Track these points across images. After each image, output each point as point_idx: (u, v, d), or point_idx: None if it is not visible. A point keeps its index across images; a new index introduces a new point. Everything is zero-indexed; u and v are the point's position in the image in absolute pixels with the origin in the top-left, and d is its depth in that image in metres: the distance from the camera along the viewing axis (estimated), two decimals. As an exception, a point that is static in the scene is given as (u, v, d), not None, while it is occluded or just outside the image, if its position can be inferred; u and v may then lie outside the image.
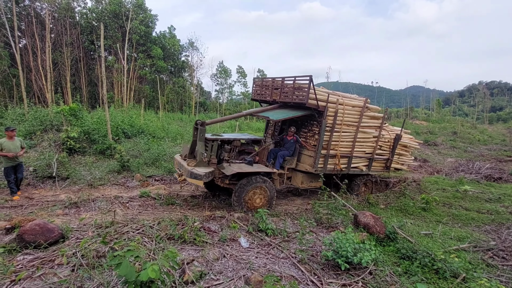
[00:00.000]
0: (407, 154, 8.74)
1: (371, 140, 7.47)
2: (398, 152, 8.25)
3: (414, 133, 19.40)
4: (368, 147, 7.49)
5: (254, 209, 5.99)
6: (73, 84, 23.79)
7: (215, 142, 6.23)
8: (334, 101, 6.56)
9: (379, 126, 7.45)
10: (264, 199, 6.20)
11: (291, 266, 4.00)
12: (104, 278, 3.21)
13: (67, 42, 22.63)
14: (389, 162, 8.01)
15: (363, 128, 7.17)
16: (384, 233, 5.03)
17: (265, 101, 7.80)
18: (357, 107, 6.96)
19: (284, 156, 6.89)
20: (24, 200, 6.15)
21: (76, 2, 25.86)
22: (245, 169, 5.89)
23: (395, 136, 7.94)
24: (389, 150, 7.95)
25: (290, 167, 7.01)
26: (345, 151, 7.10)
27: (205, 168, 5.88)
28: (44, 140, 9.09)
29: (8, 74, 20.15)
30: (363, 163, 7.60)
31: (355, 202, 7.23)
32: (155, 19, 28.26)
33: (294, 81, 6.59)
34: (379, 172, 8.18)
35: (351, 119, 6.95)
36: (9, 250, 3.66)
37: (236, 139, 6.60)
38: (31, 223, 3.98)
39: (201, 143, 5.99)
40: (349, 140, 7.05)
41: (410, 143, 8.75)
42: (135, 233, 4.41)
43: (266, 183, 6.14)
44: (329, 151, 6.73)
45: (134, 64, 25.83)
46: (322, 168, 6.77)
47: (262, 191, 6.16)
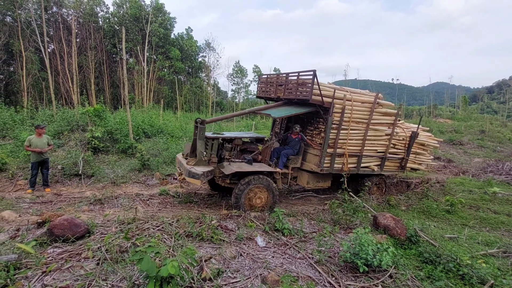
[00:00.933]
0: (425, 153, 8.23)
1: (383, 138, 7.06)
2: (414, 151, 7.81)
3: (437, 132, 18.60)
4: (380, 146, 7.08)
5: (254, 210, 5.84)
6: (97, 86, 24.86)
7: (216, 141, 6.14)
8: (341, 96, 6.25)
9: (392, 123, 7.03)
10: (265, 199, 5.99)
11: (308, 267, 3.98)
12: (127, 272, 3.34)
13: (91, 46, 23.68)
14: (404, 162, 7.53)
15: (374, 125, 6.77)
16: (405, 235, 4.88)
17: (270, 98, 7.54)
18: (367, 103, 6.58)
19: (288, 155, 6.65)
20: (53, 196, 6.52)
21: (99, 7, 26.99)
22: (244, 168, 5.72)
23: (410, 134, 7.49)
24: (404, 148, 7.48)
25: (294, 166, 6.75)
26: (354, 150, 6.74)
27: (204, 167, 5.75)
28: (71, 139, 9.58)
29: (38, 77, 21.41)
30: (374, 163, 7.18)
31: (375, 203, 7.05)
32: (173, 21, 28.93)
33: (297, 76, 6.33)
34: (393, 172, 7.74)
35: (360, 116, 6.56)
36: (40, 243, 3.90)
37: (237, 138, 6.45)
38: (60, 218, 4.21)
39: (201, 142, 5.88)
40: (359, 138, 6.69)
41: (428, 142, 8.21)
42: (155, 230, 4.55)
43: (267, 183, 5.93)
44: (335, 149, 6.40)
45: (154, 66, 26.59)
46: (328, 168, 6.46)
47: (263, 192, 5.96)
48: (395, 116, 7.03)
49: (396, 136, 7.24)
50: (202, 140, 5.89)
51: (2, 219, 4.90)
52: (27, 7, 21.55)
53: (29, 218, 4.90)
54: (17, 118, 11.69)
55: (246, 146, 6.63)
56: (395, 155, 7.44)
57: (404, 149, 7.50)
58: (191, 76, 32.16)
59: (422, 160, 8.22)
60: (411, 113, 35.78)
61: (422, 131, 8.42)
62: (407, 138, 7.46)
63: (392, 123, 7.03)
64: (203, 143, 5.93)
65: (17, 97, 21.22)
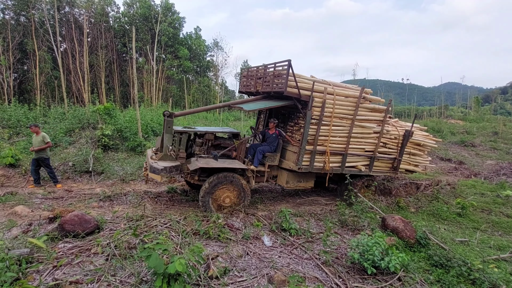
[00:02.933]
0: (421, 154, 7.64)
1: (372, 136, 6.57)
2: (409, 151, 7.31)
3: (448, 133, 18.19)
4: (367, 144, 6.60)
5: (223, 210, 5.60)
6: (107, 84, 25.26)
7: (184, 135, 5.86)
8: (321, 89, 5.85)
9: (382, 120, 6.55)
10: (234, 198, 5.70)
11: (314, 267, 3.95)
12: (135, 268, 3.39)
13: (102, 45, 24.06)
14: (396, 163, 7.04)
15: (360, 122, 6.31)
16: (414, 238, 4.79)
17: (250, 92, 7.08)
18: (352, 98, 6.16)
19: (264, 152, 6.23)
20: (64, 192, 6.66)
21: (110, 7, 27.40)
22: (211, 164, 5.37)
23: (404, 133, 6.99)
24: (397, 148, 6.99)
25: (272, 164, 6.36)
26: (337, 148, 6.30)
27: (168, 163, 5.43)
28: (81, 137, 9.77)
29: (51, 76, 21.89)
30: (362, 163, 6.70)
31: (383, 204, 6.95)
32: (182, 21, 29.15)
33: (274, 68, 5.96)
34: (384, 173, 7.23)
35: (344, 111, 6.12)
36: (51, 238, 3.99)
37: (209, 132, 6.09)
38: (71, 214, 4.30)
39: (168, 136, 5.61)
40: (343, 135, 6.24)
41: (425, 141, 7.59)
42: (163, 227, 4.60)
43: (236, 181, 5.61)
44: (316, 146, 5.98)
45: (162, 65, 26.84)
46: (307, 166, 6.07)
47: (233, 190, 5.65)
48: (384, 112, 6.55)
49: (386, 135, 6.80)
50: (170, 134, 5.63)
51: (15, 214, 5.03)
52: (41, 7, 22.04)
53: (41, 214, 5.02)
54: (30, 116, 11.98)
55: (220, 141, 6.27)
56: (386, 155, 6.95)
57: (396, 148, 7.02)
58: (199, 75, 32.36)
59: (418, 161, 7.68)
60: (421, 114, 35.11)
61: (419, 130, 7.99)
62: (400, 137, 6.98)
63: (382, 120, 6.56)
64: (171, 137, 5.69)
65: (30, 95, 21.76)
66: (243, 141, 6.19)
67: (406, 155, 7.28)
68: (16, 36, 20.64)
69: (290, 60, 5.41)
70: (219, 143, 6.24)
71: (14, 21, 22.24)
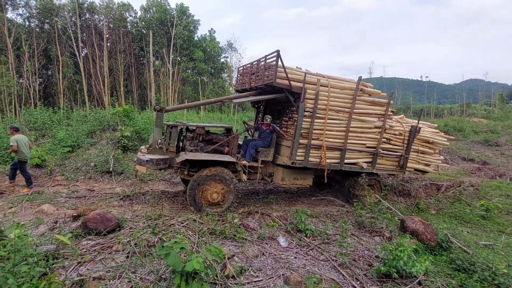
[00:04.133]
0: (431, 152, 7.20)
1: (373, 131, 6.29)
2: (417, 148, 6.93)
3: (471, 132, 17.44)
4: (369, 140, 6.31)
5: (211, 206, 5.51)
6: (126, 87, 26.06)
7: (175, 129, 5.87)
8: (314, 81, 5.69)
9: (383, 114, 6.26)
10: (222, 194, 5.57)
11: (331, 269, 3.91)
12: (154, 266, 3.48)
13: (120, 49, 24.86)
14: (403, 160, 6.69)
15: (359, 116, 6.06)
16: (435, 241, 4.64)
17: (245, 89, 6.96)
18: (348, 90, 5.94)
19: (257, 147, 6.10)
20: (87, 191, 6.94)
21: (128, 12, 28.27)
22: (198, 156, 5.33)
23: (410, 129, 6.68)
24: (403, 145, 6.68)
25: (265, 160, 6.20)
26: (335, 142, 6.05)
27: (156, 155, 5.45)
28: (102, 138, 10.15)
29: (73, 80, 22.86)
30: (363, 159, 6.39)
31: (402, 206, 6.77)
32: (197, 23, 29.61)
33: (264, 60, 5.85)
34: (390, 172, 6.84)
35: (340, 104, 5.91)
36: (75, 235, 4.17)
37: (199, 127, 6.07)
38: (93, 212, 4.48)
39: (158, 130, 5.68)
40: (340, 129, 6.02)
41: (435, 139, 7.13)
42: (180, 226, 4.70)
43: (225, 175, 5.50)
44: (310, 140, 5.77)
45: (178, 67, 27.37)
46: (302, 161, 5.85)
47: (221, 185, 5.53)
48: (385, 106, 6.24)
49: (390, 130, 6.48)
50: (159, 128, 5.69)
51: (42, 212, 5.30)
52: (63, 15, 23.09)
53: (66, 212, 5.26)
54: (54, 118, 12.57)
55: (212, 136, 6.24)
56: (392, 152, 6.62)
57: (402, 145, 6.69)
58: (214, 77, 32.73)
59: (428, 160, 7.22)
60: (441, 112, 33.82)
61: (428, 127, 7.59)
62: (406, 133, 6.65)
63: (383, 114, 6.27)
64: (160, 131, 5.76)
65: (54, 99, 22.81)
66: (234, 136, 6.05)
67: (414, 153, 6.95)
68: (41, 43, 21.72)
69: (278, 51, 5.31)
70: (211, 138, 6.20)
71: (39, 29, 23.42)
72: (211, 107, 30.50)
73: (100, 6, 25.87)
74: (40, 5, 22.76)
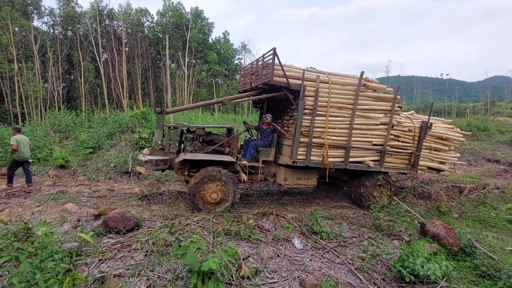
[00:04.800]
0: (445, 149, 6.82)
1: (379, 127, 6.08)
2: (429, 145, 6.64)
3: (496, 131, 16.60)
4: (375, 137, 6.09)
5: (210, 205, 5.53)
6: (143, 90, 26.79)
7: (175, 130, 6.01)
8: (313, 78, 5.60)
9: (389, 110, 6.04)
10: (222, 194, 5.57)
11: (348, 273, 3.85)
12: (171, 265, 3.56)
13: (138, 54, 25.61)
14: (414, 158, 6.38)
15: (363, 112, 5.89)
16: (458, 246, 4.46)
17: (247, 90, 6.91)
18: (350, 86, 5.81)
19: (257, 146, 6.08)
20: (107, 191, 7.20)
21: (145, 17, 29.08)
22: (196, 156, 5.40)
23: (420, 125, 6.36)
24: (413, 142, 6.41)
25: (266, 160, 6.16)
26: (338, 140, 5.89)
27: (156, 156, 5.58)
28: (121, 140, 10.50)
29: (94, 84, 23.78)
30: (370, 157, 6.17)
31: (422, 208, 6.54)
32: (211, 26, 30.01)
33: (262, 59, 5.81)
34: (400, 170, 6.53)
35: (342, 100, 5.78)
36: (97, 233, 4.34)
37: (199, 128, 6.14)
38: (113, 211, 4.64)
39: (159, 131, 5.82)
40: (344, 126, 5.86)
41: (449, 134, 6.74)
42: (196, 226, 4.78)
43: (224, 175, 5.51)
44: (311, 138, 5.66)
45: (193, 70, 27.84)
46: (303, 160, 5.73)
47: (220, 185, 5.53)
48: (392, 101, 6.02)
49: (398, 126, 6.24)
50: (160, 129, 5.83)
51: (65, 211, 5.55)
52: (85, 22, 24.08)
53: (88, 211, 5.48)
54: (77, 121, 13.13)
55: (213, 137, 6.27)
56: (401, 149, 6.36)
57: (412, 142, 6.41)
58: (228, 79, 33.01)
59: (443, 158, 6.84)
60: (463, 111, 32.38)
61: (442, 122, 7.20)
62: (416, 130, 6.35)
63: (389, 110, 6.05)
64: (161, 132, 5.88)
65: (76, 102, 23.80)
66: (235, 136, 6.07)
67: (425, 150, 6.63)
68: (64, 49, 22.74)
69: (274, 48, 5.26)
70: (212, 139, 6.22)
71: (62, 36, 24.55)
72: (225, 109, 30.77)
73: (119, 12, 26.78)
74: (63, 13, 23.87)
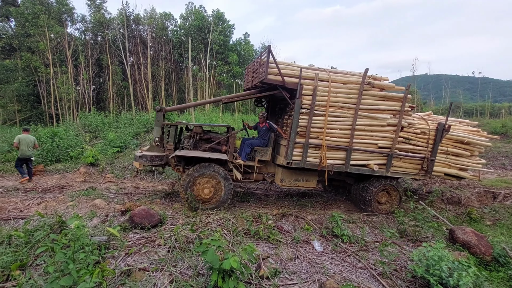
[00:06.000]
0: (467, 154, 6.21)
1: (386, 129, 5.71)
2: (446, 149, 6.12)
3: (537, 134, 15.33)
4: (381, 139, 5.73)
5: (203, 201, 5.58)
6: (166, 92, 27.68)
7: (172, 128, 6.17)
8: (311, 76, 5.38)
9: (398, 111, 5.65)
10: (214, 190, 5.62)
11: (370, 278, 3.74)
12: (193, 261, 3.66)
13: (161, 57, 26.51)
14: (427, 163, 5.92)
15: (368, 112, 5.56)
16: (490, 255, 4.19)
17: (249, 88, 6.81)
18: (353, 84, 5.49)
19: (253, 145, 6.04)
20: (133, 189, 7.52)
21: (168, 21, 30.05)
22: (188, 153, 5.56)
23: (436, 127, 5.92)
24: (427, 145, 5.96)
25: (262, 159, 6.11)
26: (338, 142, 5.62)
27: (151, 152, 5.88)
28: (146, 139, 10.92)
29: (121, 86, 24.94)
30: (375, 161, 5.81)
31: (451, 214, 6.21)
32: (232, 28, 30.40)
33: (260, 57, 5.70)
34: (411, 176, 6.09)
35: (344, 100, 5.48)
36: (123, 228, 4.55)
37: (196, 126, 6.25)
38: (139, 208, 4.84)
39: (157, 128, 6.06)
40: (345, 127, 5.58)
41: (471, 138, 6.14)
42: (216, 225, 4.87)
43: (216, 171, 5.56)
44: (308, 139, 5.45)
45: (214, 71, 28.35)
46: (299, 161, 5.53)
47: (212, 181, 5.60)
48: (401, 101, 5.63)
49: (409, 128, 5.83)
50: (158, 126, 6.06)
51: (95, 206, 5.87)
52: (113, 27, 25.32)
53: (115, 207, 5.76)
54: (105, 121, 13.83)
55: (211, 135, 6.40)
56: (412, 153, 5.94)
57: (426, 146, 5.96)
58: (248, 80, 33.26)
59: (463, 164, 6.24)
60: (498, 112, 30.23)
61: (464, 124, 6.63)
62: (431, 132, 5.90)
63: (398, 111, 5.66)
64: (159, 129, 6.08)
65: (105, 103, 25.08)
66: (231, 134, 6.10)
67: (442, 154, 6.14)
68: (94, 53, 24.07)
69: (269, 46, 5.20)
70: (210, 137, 6.35)
71: (93, 41, 25.98)
72: (245, 109, 30.94)
73: (144, 17, 27.88)
74: (94, 19, 25.27)
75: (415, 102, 29.10)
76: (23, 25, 21.88)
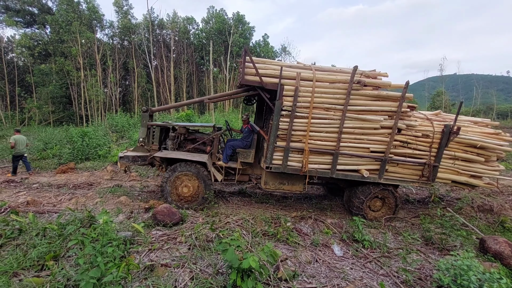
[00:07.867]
0: (480, 160, 5.51)
1: (379, 132, 5.22)
2: (453, 154, 5.49)
3: None
4: (373, 142, 5.28)
5: (183, 200, 5.72)
6: (187, 94, 28.40)
7: (157, 128, 6.28)
8: (293, 76, 5.03)
9: (395, 112, 5.13)
10: (193, 189, 5.73)
11: (392, 286, 3.62)
12: (212, 260, 3.73)
13: (184, 59, 27.26)
14: (428, 169, 5.37)
15: (358, 114, 5.10)
16: (527, 268, 3.90)
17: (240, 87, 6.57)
18: (341, 83, 5.07)
19: (234, 147, 6.04)
20: (155, 187, 7.79)
21: (190, 25, 30.85)
22: (167, 154, 5.74)
23: (442, 129, 5.32)
24: (429, 149, 5.39)
25: (245, 161, 6.08)
26: (323, 145, 5.22)
27: (134, 153, 6.10)
28: (168, 140, 11.27)
29: (145, 88, 25.93)
30: (366, 166, 5.37)
31: (482, 223, 5.85)
32: (252, 30, 30.62)
33: (244, 58, 5.30)
34: (409, 183, 5.54)
35: (330, 100, 5.07)
36: (147, 225, 4.73)
37: (180, 127, 6.30)
38: (161, 206, 5.02)
39: (143, 129, 6.24)
40: (331, 130, 5.17)
41: (485, 142, 5.39)
42: (235, 225, 4.93)
43: (195, 170, 5.66)
44: (289, 143, 5.15)
45: (234, 73, 28.69)
46: (279, 166, 5.29)
47: (191, 180, 5.72)
48: (398, 100, 5.10)
49: (408, 131, 5.30)
50: (144, 127, 6.25)
51: (120, 203, 6.14)
52: (139, 32, 26.43)
53: (139, 204, 6.00)
54: (131, 122, 14.44)
55: (196, 136, 6.48)
56: (411, 158, 5.41)
57: (429, 150, 5.39)
58: (267, 81, 33.30)
59: (476, 171, 5.57)
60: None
61: (480, 125, 5.88)
62: (436, 135, 5.31)
63: (395, 112, 5.14)
64: (145, 130, 6.26)
65: (130, 105, 26.20)
66: (214, 135, 6.13)
67: (449, 160, 5.51)
68: (121, 57, 25.23)
69: (246, 46, 5.09)
70: (194, 138, 6.43)
71: (120, 45, 27.25)
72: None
73: (167, 22, 28.82)
74: (121, 25, 26.50)
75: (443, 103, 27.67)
76: (58, 32, 23.41)
